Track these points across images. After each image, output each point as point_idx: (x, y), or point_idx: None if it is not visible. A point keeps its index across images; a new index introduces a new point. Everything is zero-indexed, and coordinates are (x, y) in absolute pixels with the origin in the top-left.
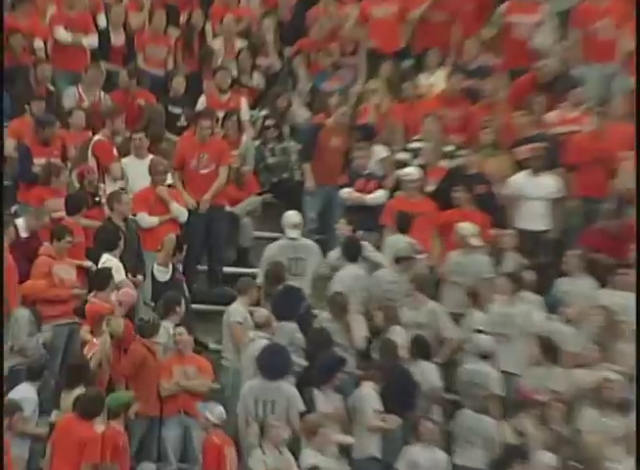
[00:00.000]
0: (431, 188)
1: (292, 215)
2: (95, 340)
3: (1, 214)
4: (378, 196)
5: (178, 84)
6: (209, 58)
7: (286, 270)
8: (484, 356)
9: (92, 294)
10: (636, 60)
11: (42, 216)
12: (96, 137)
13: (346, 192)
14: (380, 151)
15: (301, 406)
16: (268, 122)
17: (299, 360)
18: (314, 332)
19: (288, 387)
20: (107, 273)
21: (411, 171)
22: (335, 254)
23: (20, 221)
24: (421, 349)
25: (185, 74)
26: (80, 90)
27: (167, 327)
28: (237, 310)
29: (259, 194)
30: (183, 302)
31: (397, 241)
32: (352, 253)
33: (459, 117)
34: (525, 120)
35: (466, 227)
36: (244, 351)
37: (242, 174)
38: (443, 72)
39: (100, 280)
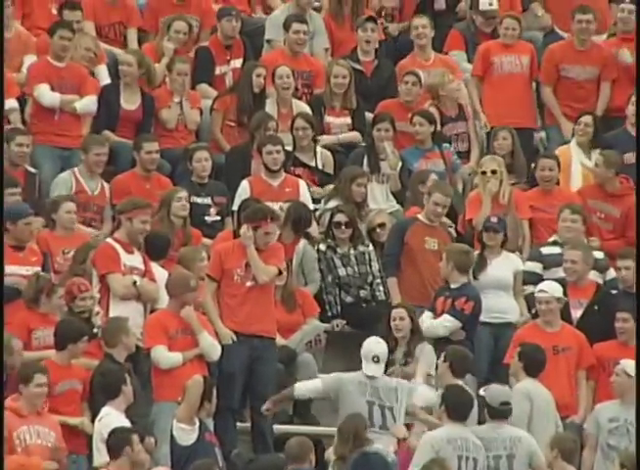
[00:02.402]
0: (576, 312)
1: (373, 343)
2: None
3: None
4: (441, 322)
5: (202, 162)
6: (262, 124)
7: (366, 425)
8: None
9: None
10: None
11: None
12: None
13: (424, 318)
14: (504, 257)
15: None
16: (339, 218)
17: None
18: None
19: None
20: (123, 436)
21: (547, 287)
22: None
23: None
24: None
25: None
26: (78, 175)
27: None
28: None
29: (324, 319)
30: None
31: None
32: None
33: (612, 209)
34: None
35: (632, 366)
36: None
37: (291, 291)
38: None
39: (113, 445)
